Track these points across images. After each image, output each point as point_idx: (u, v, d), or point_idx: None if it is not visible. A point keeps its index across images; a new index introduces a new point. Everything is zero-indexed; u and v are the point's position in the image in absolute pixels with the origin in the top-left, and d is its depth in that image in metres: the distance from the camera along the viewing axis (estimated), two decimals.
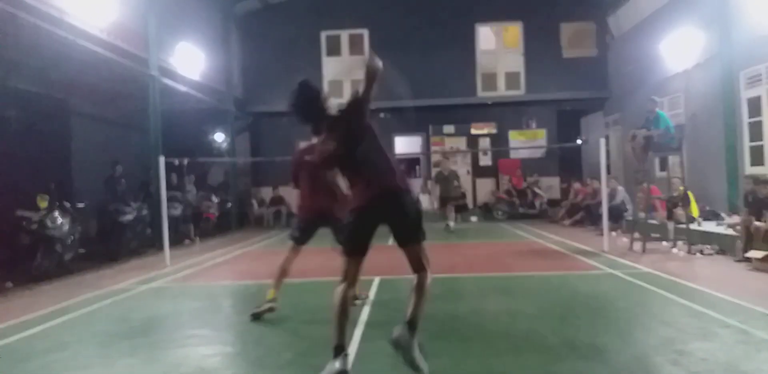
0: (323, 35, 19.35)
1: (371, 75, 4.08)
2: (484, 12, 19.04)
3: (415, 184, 19.62)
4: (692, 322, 5.04)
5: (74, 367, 4.34)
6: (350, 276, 4.09)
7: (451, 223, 14.06)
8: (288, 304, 6.55)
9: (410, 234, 4.05)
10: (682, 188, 10.37)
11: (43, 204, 8.84)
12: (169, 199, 10.03)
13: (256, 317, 5.63)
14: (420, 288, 3.96)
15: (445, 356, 4.31)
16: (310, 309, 6.22)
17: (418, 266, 4.01)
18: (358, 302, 6.00)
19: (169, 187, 10.61)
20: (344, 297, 4.02)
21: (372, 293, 6.79)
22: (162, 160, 10.03)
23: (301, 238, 5.82)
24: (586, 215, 14.84)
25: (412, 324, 3.82)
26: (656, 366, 3.94)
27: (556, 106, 19.76)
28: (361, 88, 4.13)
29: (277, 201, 18.36)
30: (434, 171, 16.27)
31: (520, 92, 19.07)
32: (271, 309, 5.68)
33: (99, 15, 10.26)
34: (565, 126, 20.96)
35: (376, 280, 7.46)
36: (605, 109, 19.36)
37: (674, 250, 9.66)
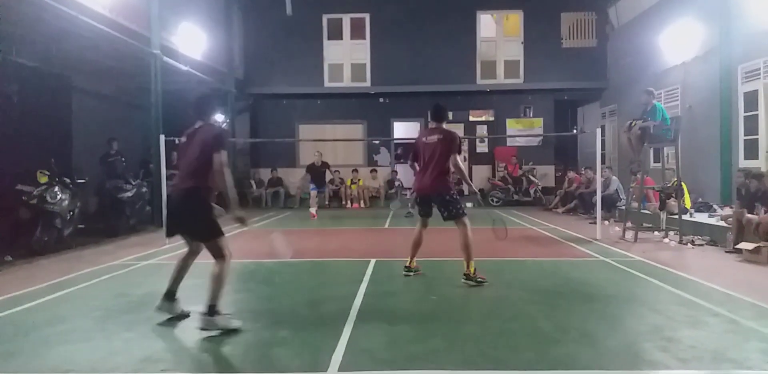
0: (325, 18, 19.28)
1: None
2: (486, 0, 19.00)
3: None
4: (681, 310, 5.11)
5: (72, 341, 4.37)
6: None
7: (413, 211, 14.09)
8: (285, 283, 6.68)
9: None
10: (675, 179, 10.46)
11: (44, 179, 8.84)
12: (169, 177, 10.05)
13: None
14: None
15: (437, 338, 4.38)
16: (307, 288, 6.33)
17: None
18: (472, 283, 6.36)
19: (169, 165, 10.62)
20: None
21: (368, 273, 6.92)
22: (162, 138, 10.06)
23: (423, 212, 6.76)
24: (579, 203, 14.94)
25: (210, 309, 4.58)
26: (645, 352, 4.01)
27: (554, 96, 19.83)
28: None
29: (276, 182, 18.40)
30: None
31: (518, 80, 19.12)
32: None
33: None
34: (562, 115, 21.09)
35: (372, 262, 7.59)
36: (602, 99, 19.43)
37: (666, 240, 9.75)
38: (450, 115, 19.68)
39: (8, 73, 9.49)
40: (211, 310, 4.57)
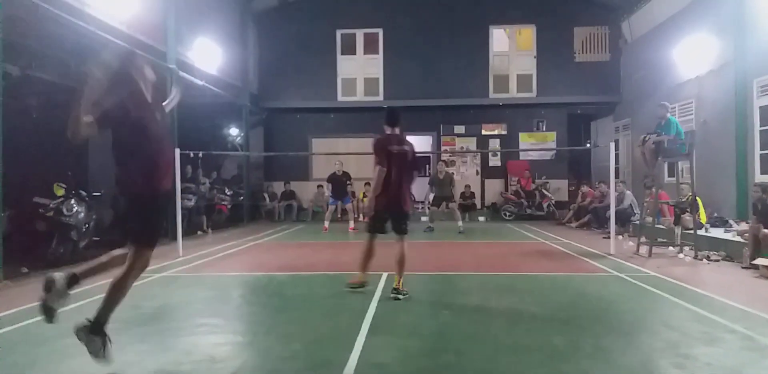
0: (338, 33, 19.44)
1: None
2: (499, 14, 19.11)
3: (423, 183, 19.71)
4: (697, 327, 5.06)
5: (86, 352, 4.36)
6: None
7: (460, 223, 14.04)
8: (298, 296, 6.67)
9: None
10: (690, 194, 10.39)
11: (60, 192, 8.95)
12: (183, 191, 10.14)
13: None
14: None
15: (450, 352, 4.36)
16: (319, 301, 6.32)
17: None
18: (400, 296, 6.23)
19: (183, 178, 10.70)
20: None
21: (379, 287, 6.90)
22: (177, 151, 10.13)
23: (382, 229, 6.51)
24: (593, 218, 14.87)
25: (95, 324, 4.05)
26: (660, 369, 3.96)
27: (567, 110, 19.77)
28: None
29: (289, 195, 18.49)
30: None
31: (531, 94, 19.13)
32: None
33: (119, 7, 10.36)
34: (575, 129, 21.03)
35: (384, 275, 7.55)
36: (616, 113, 19.37)
37: (680, 255, 9.65)
38: (463, 128, 19.87)
39: (27, 87, 9.64)
40: (96, 327, 4.04)
